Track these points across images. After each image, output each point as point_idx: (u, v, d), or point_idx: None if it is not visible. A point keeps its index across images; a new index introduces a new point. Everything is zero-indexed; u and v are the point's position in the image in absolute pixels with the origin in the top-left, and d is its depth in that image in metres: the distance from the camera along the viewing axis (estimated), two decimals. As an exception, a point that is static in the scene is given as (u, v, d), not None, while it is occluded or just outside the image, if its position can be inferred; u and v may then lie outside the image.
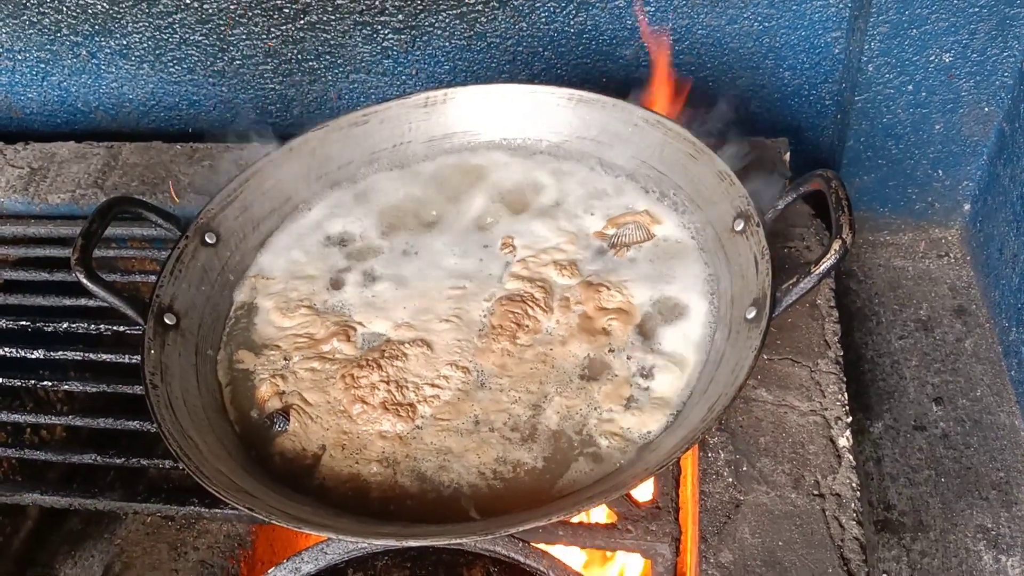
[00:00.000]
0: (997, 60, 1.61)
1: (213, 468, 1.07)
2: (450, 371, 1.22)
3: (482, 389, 1.20)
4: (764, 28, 1.72)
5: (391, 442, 1.16)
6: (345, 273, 1.38)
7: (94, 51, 1.94)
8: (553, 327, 1.25)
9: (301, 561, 1.14)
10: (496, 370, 1.21)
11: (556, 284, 1.30)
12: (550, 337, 1.24)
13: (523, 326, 1.25)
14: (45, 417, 1.39)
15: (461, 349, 1.24)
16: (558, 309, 1.27)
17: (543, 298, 1.28)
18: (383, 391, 1.20)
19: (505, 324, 1.25)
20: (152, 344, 1.20)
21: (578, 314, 1.26)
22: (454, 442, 1.15)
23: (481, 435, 1.15)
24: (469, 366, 1.22)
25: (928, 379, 1.69)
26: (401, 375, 1.22)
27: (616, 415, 1.14)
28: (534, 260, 1.33)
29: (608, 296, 1.26)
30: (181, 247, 1.31)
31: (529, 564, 1.11)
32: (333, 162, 1.48)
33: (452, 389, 1.20)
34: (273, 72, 1.92)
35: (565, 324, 1.25)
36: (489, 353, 1.23)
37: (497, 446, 1.14)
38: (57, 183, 1.76)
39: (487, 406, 1.18)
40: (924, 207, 1.87)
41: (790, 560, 1.08)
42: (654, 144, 1.37)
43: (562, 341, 1.23)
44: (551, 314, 1.26)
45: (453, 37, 1.80)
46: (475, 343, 1.24)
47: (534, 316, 1.26)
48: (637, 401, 1.15)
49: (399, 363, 1.23)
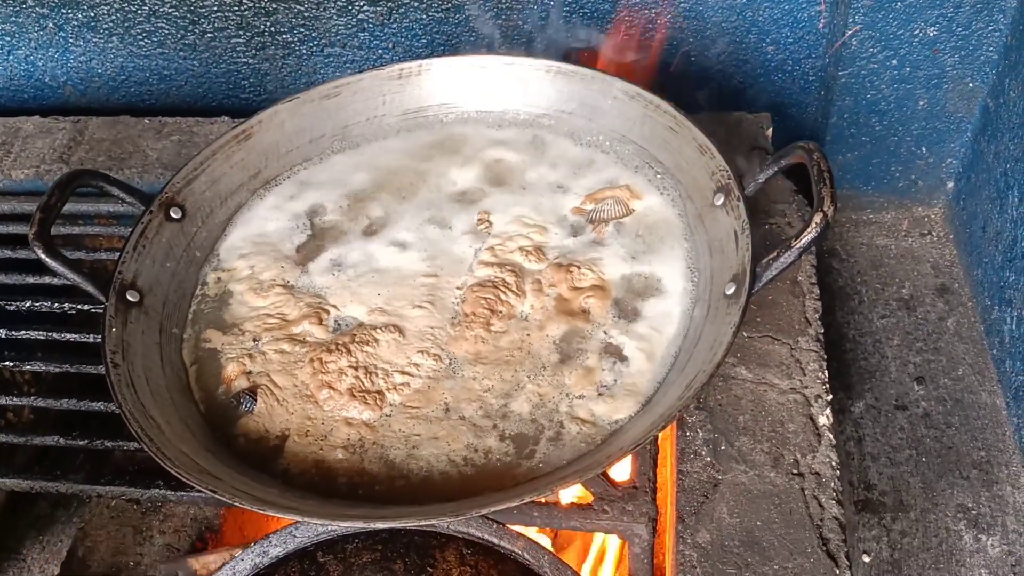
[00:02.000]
0: (982, 34, 1.58)
1: (176, 449, 1.04)
2: (421, 359, 1.18)
3: (453, 377, 1.17)
4: (747, 2, 1.69)
5: (357, 429, 1.13)
6: (316, 251, 1.34)
7: (61, 23, 1.88)
8: (528, 311, 1.22)
9: (269, 544, 1.11)
10: (469, 357, 1.18)
11: (526, 269, 1.26)
12: (526, 323, 1.21)
13: (496, 312, 1.21)
14: (6, 398, 1.35)
15: (434, 336, 1.21)
16: (531, 293, 1.24)
17: (515, 282, 1.24)
18: (351, 377, 1.17)
19: (478, 311, 1.21)
20: (114, 322, 1.17)
21: (553, 297, 1.23)
22: (423, 429, 1.12)
23: (451, 422, 1.12)
24: (441, 354, 1.19)
25: (910, 358, 1.68)
26: (371, 361, 1.19)
27: (590, 401, 1.11)
28: (501, 247, 1.29)
29: (580, 275, 1.23)
30: (145, 222, 1.27)
31: (503, 546, 1.08)
32: (304, 135, 1.44)
33: (422, 377, 1.17)
34: (246, 46, 1.87)
35: (540, 308, 1.22)
36: (462, 341, 1.20)
37: (468, 434, 1.11)
38: (21, 158, 1.71)
39: (458, 394, 1.15)
40: (907, 185, 1.85)
41: (768, 540, 1.06)
42: (634, 117, 1.34)
43: (539, 325, 1.20)
44: (524, 298, 1.23)
45: (430, 9, 1.76)
46: (448, 331, 1.21)
47: (507, 301, 1.22)
48: (610, 387, 1.12)
49: (369, 349, 1.20)
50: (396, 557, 1.08)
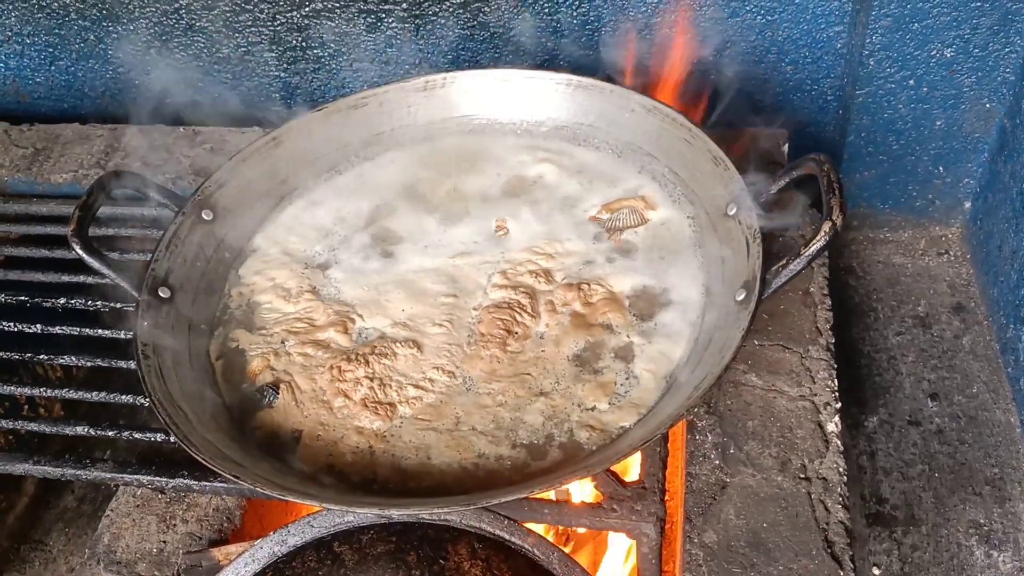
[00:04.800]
0: (999, 55, 1.60)
1: (201, 437, 1.08)
2: (436, 375, 1.21)
3: (466, 394, 1.18)
4: (767, 22, 1.72)
5: (367, 437, 1.15)
6: (341, 259, 1.38)
7: (101, 36, 1.95)
8: (544, 330, 1.24)
9: (288, 534, 1.14)
10: (484, 376, 1.20)
11: (538, 290, 1.28)
12: (542, 341, 1.23)
13: (513, 333, 1.23)
14: (39, 389, 1.40)
15: (450, 354, 1.23)
16: (545, 313, 1.25)
17: (529, 304, 1.26)
18: (365, 387, 1.20)
19: (494, 332, 1.23)
20: (145, 316, 1.21)
21: (568, 314, 1.25)
22: (433, 439, 1.14)
23: (462, 433, 1.14)
24: (456, 371, 1.21)
25: (924, 375, 1.68)
26: (387, 373, 1.21)
27: (600, 412, 1.13)
28: (512, 271, 1.31)
29: (591, 291, 1.25)
30: (178, 222, 1.32)
31: (514, 541, 1.11)
32: (332, 143, 1.49)
33: (436, 392, 1.19)
34: (278, 60, 1.93)
35: (556, 325, 1.24)
36: (477, 360, 1.22)
37: (479, 443, 1.13)
38: (60, 163, 1.78)
39: (470, 409, 1.16)
40: (925, 204, 1.86)
41: (774, 541, 1.08)
42: (650, 130, 1.37)
43: (555, 341, 1.22)
44: (539, 319, 1.25)
45: (456, 27, 1.81)
46: (464, 350, 1.23)
47: (523, 322, 1.24)
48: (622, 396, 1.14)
49: (387, 361, 1.23)
50: (410, 549, 1.11)
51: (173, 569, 1.22)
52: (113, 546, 1.25)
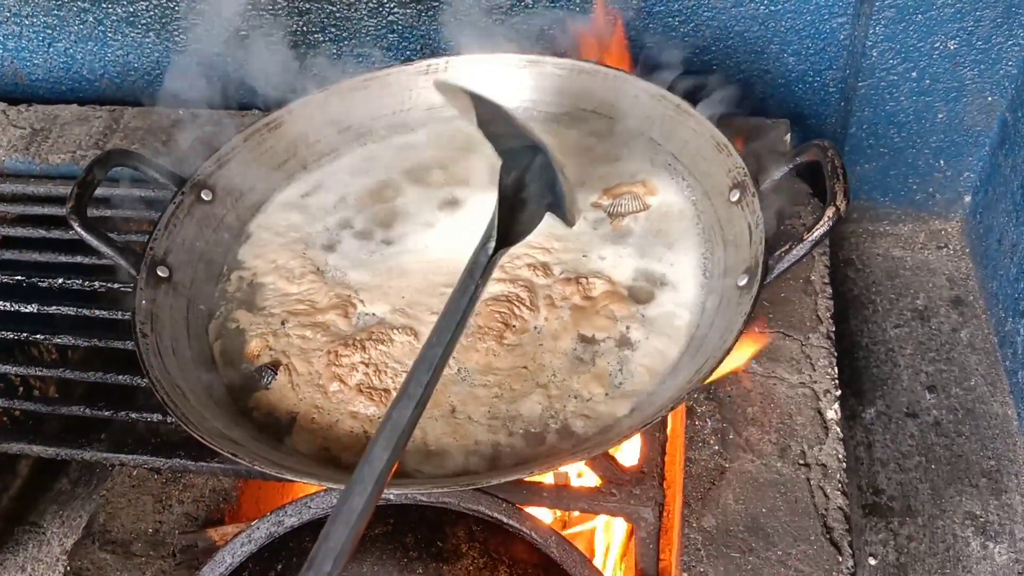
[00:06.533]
0: (1002, 48, 1.60)
1: (199, 415, 1.08)
2: None
3: (461, 384, 1.17)
4: (770, 12, 1.72)
5: (362, 423, 1.15)
6: (342, 241, 1.37)
7: (100, 18, 1.94)
8: (542, 324, 1.22)
9: (284, 514, 1.13)
10: (479, 368, 1.19)
11: (536, 284, 1.26)
12: (540, 335, 1.21)
13: (510, 326, 1.22)
14: (36, 369, 1.39)
15: None
16: (544, 307, 1.24)
17: (528, 297, 1.24)
18: (360, 373, 1.18)
19: (491, 324, 1.22)
20: (144, 295, 1.20)
21: (568, 308, 1.23)
22: (429, 427, 1.12)
23: (458, 421, 1.13)
24: (451, 361, 1.19)
25: (922, 367, 1.69)
26: (383, 359, 1.20)
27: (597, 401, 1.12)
28: (510, 264, 1.29)
29: (589, 285, 1.24)
30: (177, 202, 1.31)
31: (512, 524, 1.10)
32: (332, 126, 1.48)
33: None
34: (278, 44, 1.92)
35: (556, 319, 1.22)
36: (473, 352, 1.20)
37: (475, 431, 1.11)
38: (58, 144, 1.77)
39: (465, 399, 1.15)
40: (925, 198, 1.86)
41: (773, 527, 1.08)
42: (653, 115, 1.37)
43: (554, 335, 1.20)
44: (538, 312, 1.23)
45: (459, 13, 1.80)
46: (461, 341, 1.22)
47: (520, 316, 1.22)
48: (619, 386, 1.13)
49: (384, 347, 1.21)
50: (407, 530, 1.10)
51: (169, 549, 1.22)
52: (108, 525, 1.25)
